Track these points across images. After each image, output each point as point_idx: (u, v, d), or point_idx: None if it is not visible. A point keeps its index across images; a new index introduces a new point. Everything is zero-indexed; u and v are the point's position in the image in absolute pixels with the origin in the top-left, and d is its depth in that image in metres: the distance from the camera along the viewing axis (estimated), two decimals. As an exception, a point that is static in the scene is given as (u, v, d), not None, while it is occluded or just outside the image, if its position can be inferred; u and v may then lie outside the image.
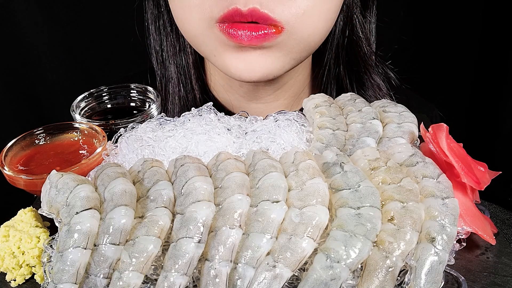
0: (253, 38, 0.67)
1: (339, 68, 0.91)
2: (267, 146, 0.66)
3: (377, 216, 0.50)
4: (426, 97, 1.09)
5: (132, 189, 0.53)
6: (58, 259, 0.48)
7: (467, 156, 0.62)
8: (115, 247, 0.48)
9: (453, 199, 0.53)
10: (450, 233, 0.50)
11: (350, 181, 0.53)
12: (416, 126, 0.66)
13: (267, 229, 0.49)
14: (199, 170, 0.54)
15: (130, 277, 0.47)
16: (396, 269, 0.48)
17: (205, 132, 0.67)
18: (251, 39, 0.67)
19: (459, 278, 0.53)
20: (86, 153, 0.70)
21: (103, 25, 1.38)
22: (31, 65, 1.40)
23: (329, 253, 0.48)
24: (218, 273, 0.47)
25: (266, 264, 0.48)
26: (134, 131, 0.71)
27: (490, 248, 0.58)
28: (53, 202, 0.54)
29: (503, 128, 1.42)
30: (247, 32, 0.67)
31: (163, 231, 0.49)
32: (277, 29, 0.68)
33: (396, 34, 1.13)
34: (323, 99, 0.73)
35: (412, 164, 0.58)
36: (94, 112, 0.85)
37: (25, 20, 1.33)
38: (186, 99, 0.93)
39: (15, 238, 0.57)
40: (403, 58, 1.00)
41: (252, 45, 0.68)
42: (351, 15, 0.86)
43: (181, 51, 0.91)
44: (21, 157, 0.71)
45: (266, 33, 0.67)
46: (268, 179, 0.53)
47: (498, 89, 1.43)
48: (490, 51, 1.43)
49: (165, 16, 0.89)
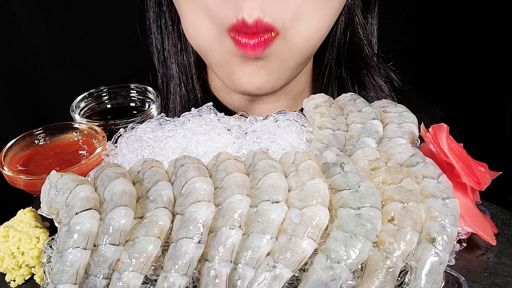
0: (256, 45, 0.69)
1: (340, 69, 0.91)
2: (267, 146, 0.65)
3: (377, 217, 0.50)
4: (426, 97, 1.09)
5: (132, 189, 0.53)
6: (58, 259, 0.48)
7: (468, 157, 0.62)
8: (114, 247, 0.48)
9: (454, 199, 0.53)
10: (450, 234, 0.50)
11: (350, 181, 0.53)
12: (416, 126, 0.66)
13: (267, 229, 0.49)
14: (199, 171, 0.54)
15: (130, 277, 0.47)
16: (397, 270, 0.48)
17: (205, 133, 0.67)
18: (255, 48, 0.70)
19: (460, 279, 0.53)
20: (86, 153, 0.70)
21: (103, 25, 1.38)
22: (30, 65, 1.40)
23: (329, 253, 0.47)
24: (218, 273, 0.47)
25: (266, 264, 0.48)
26: (134, 131, 0.70)
27: (491, 249, 0.58)
28: (52, 202, 0.53)
29: (503, 128, 1.42)
30: (251, 41, 0.69)
31: (163, 232, 0.49)
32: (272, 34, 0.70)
33: (397, 35, 1.13)
34: (323, 99, 0.73)
35: (412, 164, 0.57)
36: (93, 112, 0.85)
37: (24, 20, 1.33)
38: (187, 99, 0.93)
39: (15, 238, 0.57)
40: (404, 59, 1.00)
41: (257, 55, 0.71)
42: (352, 17, 0.86)
43: (182, 50, 0.91)
44: (20, 157, 0.71)
45: (266, 38, 0.70)
46: (268, 179, 0.52)
47: (499, 89, 1.43)
48: (491, 52, 1.43)
49: (166, 14, 0.89)
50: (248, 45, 0.69)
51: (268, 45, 0.70)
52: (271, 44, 0.71)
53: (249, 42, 0.69)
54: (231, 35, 0.71)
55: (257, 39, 0.69)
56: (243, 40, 0.69)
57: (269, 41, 0.70)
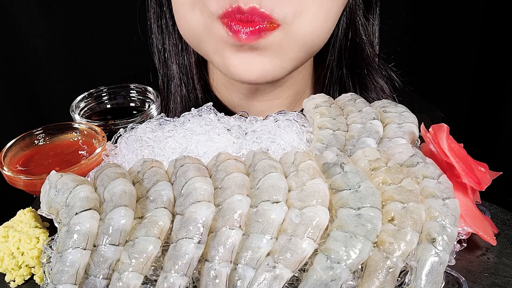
0: (249, 34, 0.68)
1: (341, 70, 0.91)
2: (267, 147, 0.65)
3: (377, 217, 0.50)
4: (427, 97, 1.09)
5: (132, 189, 0.53)
6: (58, 259, 0.48)
7: (468, 157, 0.62)
8: (114, 247, 0.48)
9: (454, 199, 0.53)
10: (450, 234, 0.50)
11: (350, 181, 0.53)
12: (416, 126, 0.66)
13: (267, 229, 0.49)
14: (199, 171, 0.54)
15: (130, 277, 0.47)
16: (397, 270, 0.48)
17: (205, 133, 0.67)
18: (247, 35, 0.68)
19: (460, 279, 0.53)
20: (86, 153, 0.70)
21: (103, 25, 1.38)
22: (30, 65, 1.40)
23: (330, 253, 0.47)
24: (218, 273, 0.47)
25: (266, 264, 0.48)
26: (134, 132, 0.70)
27: (491, 249, 0.58)
28: (52, 202, 0.53)
29: (503, 129, 1.42)
30: (245, 29, 0.68)
31: (162, 232, 0.49)
32: (271, 26, 0.69)
33: (398, 36, 1.13)
34: (323, 99, 0.73)
35: (412, 164, 0.57)
36: (93, 113, 0.85)
37: (24, 20, 1.33)
38: (188, 99, 0.93)
39: (15, 238, 0.57)
40: (405, 60, 1.00)
41: (249, 43, 0.69)
42: (353, 17, 0.86)
43: (183, 51, 0.91)
44: (20, 158, 0.70)
45: (261, 28, 0.68)
46: (268, 179, 0.52)
47: (499, 89, 1.43)
48: (491, 52, 1.43)
49: (167, 14, 0.89)
50: (239, 32, 0.68)
51: (262, 35, 0.69)
52: (267, 35, 0.69)
53: (242, 29, 0.68)
54: (223, 21, 0.69)
55: (252, 28, 0.68)
56: (236, 27, 0.68)
57: (264, 30, 0.68)
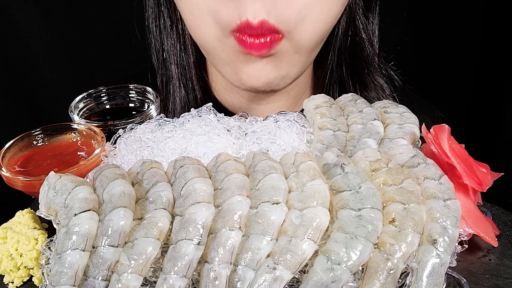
0: (261, 46, 0.69)
1: (341, 70, 0.91)
2: (267, 147, 0.65)
3: (378, 218, 0.50)
4: (428, 98, 1.09)
5: (131, 190, 0.53)
6: (56, 261, 0.47)
7: (469, 157, 0.61)
8: (113, 249, 0.48)
9: (455, 200, 0.53)
10: (452, 235, 0.50)
11: (351, 182, 0.53)
12: (417, 127, 0.66)
13: (267, 231, 0.49)
14: (199, 172, 0.54)
15: (129, 279, 0.46)
16: (398, 271, 0.48)
17: (205, 133, 0.67)
18: (260, 48, 0.69)
19: (461, 281, 0.53)
20: (85, 154, 0.70)
21: (102, 25, 1.38)
22: (29, 65, 1.39)
23: (330, 255, 0.47)
24: (217, 275, 0.47)
25: (266, 266, 0.48)
26: (133, 132, 0.70)
27: (492, 250, 0.58)
28: (51, 203, 0.53)
29: (505, 129, 1.42)
30: (256, 41, 0.69)
31: (162, 233, 0.49)
32: (279, 36, 0.70)
33: (398, 35, 1.13)
34: (323, 100, 0.73)
35: (413, 165, 0.57)
36: (92, 113, 0.85)
37: (23, 20, 1.33)
38: (187, 99, 0.93)
39: (13, 240, 0.57)
40: (405, 59, 1.00)
41: (262, 55, 0.71)
42: (353, 16, 0.86)
43: (182, 51, 0.91)
44: (19, 158, 0.70)
45: (272, 39, 0.69)
46: (268, 180, 0.52)
47: (500, 90, 1.42)
48: (492, 53, 1.43)
49: (165, 14, 0.89)
50: (252, 45, 0.69)
51: (273, 46, 0.70)
52: (276, 45, 0.70)
53: (254, 42, 0.69)
54: (235, 35, 0.70)
55: (263, 39, 0.69)
56: (249, 40, 0.69)
57: (274, 42, 0.70)
